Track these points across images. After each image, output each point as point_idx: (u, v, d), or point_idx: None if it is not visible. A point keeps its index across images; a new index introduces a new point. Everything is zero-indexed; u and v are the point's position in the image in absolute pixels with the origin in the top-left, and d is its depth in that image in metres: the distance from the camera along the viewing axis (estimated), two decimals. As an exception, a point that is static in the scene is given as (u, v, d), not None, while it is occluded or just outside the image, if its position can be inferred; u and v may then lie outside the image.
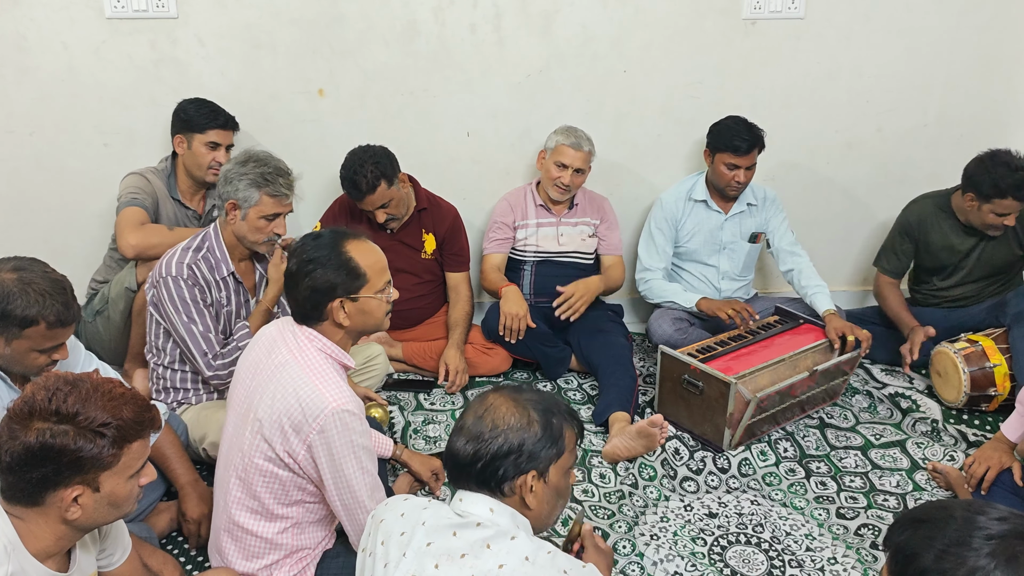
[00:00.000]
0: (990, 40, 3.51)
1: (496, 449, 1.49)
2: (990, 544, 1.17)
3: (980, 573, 1.15)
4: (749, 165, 3.16)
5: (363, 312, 1.96)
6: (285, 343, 1.94)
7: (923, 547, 1.21)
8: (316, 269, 1.89)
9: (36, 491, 1.47)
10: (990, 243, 3.19)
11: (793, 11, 3.36)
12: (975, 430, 2.95)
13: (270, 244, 2.61)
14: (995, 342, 3.00)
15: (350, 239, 1.96)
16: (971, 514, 1.21)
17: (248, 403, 1.96)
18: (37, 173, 3.23)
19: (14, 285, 1.89)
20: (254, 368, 1.98)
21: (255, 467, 1.93)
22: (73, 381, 1.50)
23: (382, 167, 2.96)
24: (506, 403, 1.54)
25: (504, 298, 3.15)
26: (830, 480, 2.71)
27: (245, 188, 2.50)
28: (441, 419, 3.01)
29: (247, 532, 1.99)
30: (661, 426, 2.69)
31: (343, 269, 1.91)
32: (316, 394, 1.84)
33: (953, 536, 1.19)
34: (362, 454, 1.90)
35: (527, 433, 1.51)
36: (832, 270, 3.74)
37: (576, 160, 3.16)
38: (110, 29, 3.07)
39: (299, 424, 1.85)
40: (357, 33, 3.19)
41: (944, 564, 1.18)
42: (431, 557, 1.44)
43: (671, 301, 3.24)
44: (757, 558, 2.36)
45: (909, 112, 3.59)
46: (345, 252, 1.92)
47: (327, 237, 1.95)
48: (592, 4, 3.27)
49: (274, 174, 2.52)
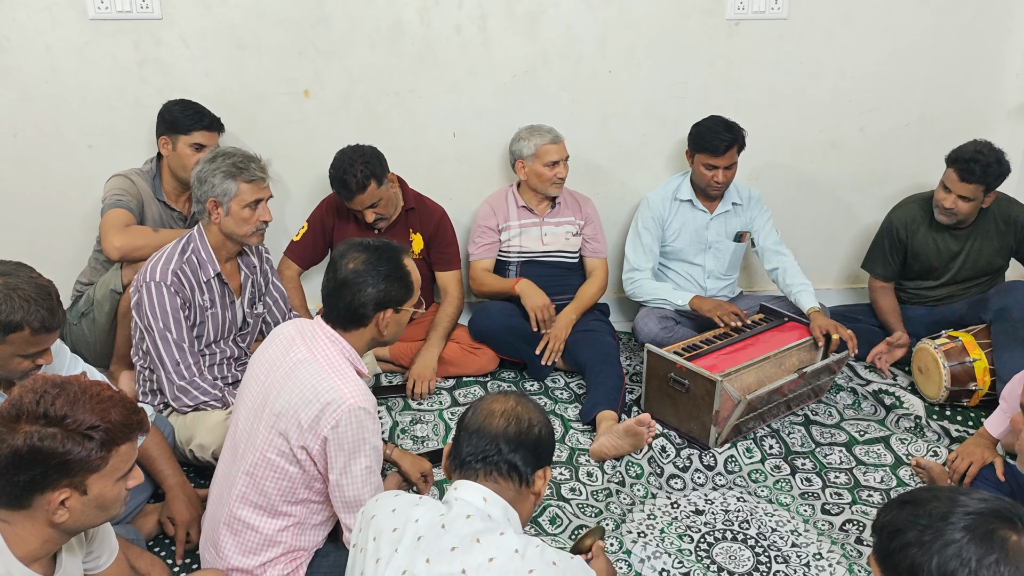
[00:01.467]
0: (972, 40, 3.54)
1: (533, 438, 1.59)
2: (968, 519, 1.22)
3: (954, 546, 1.20)
4: (728, 165, 3.18)
5: (398, 324, 2.08)
6: (304, 341, 2.00)
7: (907, 524, 1.26)
8: (381, 281, 1.98)
9: (23, 494, 1.46)
10: (976, 243, 3.21)
11: (776, 12, 3.38)
12: (957, 426, 2.98)
13: (260, 235, 2.61)
14: (975, 337, 3.03)
15: (405, 254, 2.06)
16: (955, 495, 1.27)
17: (263, 399, 1.99)
18: (20, 175, 3.21)
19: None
20: (270, 365, 2.02)
21: (267, 462, 1.96)
22: (61, 384, 1.49)
23: (372, 167, 2.96)
24: (526, 402, 1.64)
25: (524, 295, 3.19)
26: (815, 476, 2.73)
27: (221, 182, 2.51)
28: (428, 419, 3.02)
29: (248, 527, 2.01)
30: (648, 425, 2.71)
31: (402, 283, 2.02)
32: (335, 389, 1.90)
33: (935, 513, 1.24)
34: (372, 454, 1.95)
35: (550, 429, 1.65)
36: (816, 268, 3.76)
37: (562, 151, 3.22)
38: (93, 30, 3.05)
39: (316, 418, 1.89)
40: (342, 34, 3.19)
41: (924, 537, 1.23)
42: (422, 552, 1.46)
43: (662, 299, 3.25)
44: (743, 554, 2.38)
45: (892, 112, 3.62)
46: (405, 267, 2.04)
47: (388, 250, 2.03)
48: (577, 5, 3.28)
49: (245, 160, 2.54)
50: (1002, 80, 3.63)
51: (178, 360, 2.51)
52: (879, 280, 3.39)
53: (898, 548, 1.25)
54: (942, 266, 3.28)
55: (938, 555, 1.21)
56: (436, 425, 2.98)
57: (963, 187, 3.03)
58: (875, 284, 3.40)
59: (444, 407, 3.10)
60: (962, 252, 3.24)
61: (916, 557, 1.22)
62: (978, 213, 3.16)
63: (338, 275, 1.99)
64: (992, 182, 3.03)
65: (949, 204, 3.07)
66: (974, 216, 3.15)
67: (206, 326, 2.62)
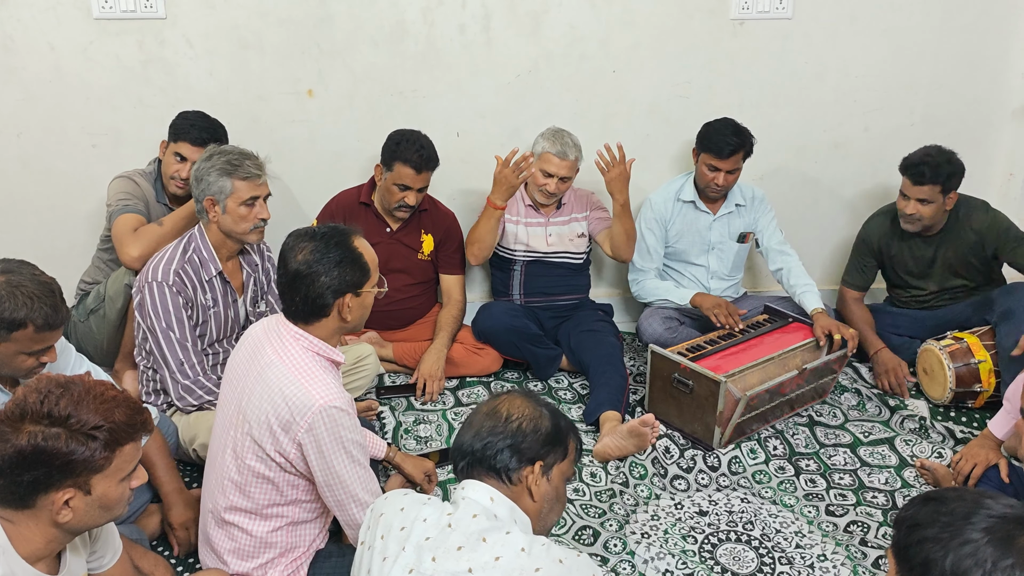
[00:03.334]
0: (975, 39, 3.54)
1: (511, 431, 1.55)
2: (990, 521, 1.21)
3: (971, 545, 1.19)
4: (731, 169, 3.17)
5: (362, 307, 1.99)
6: (270, 343, 1.95)
7: (928, 520, 1.25)
8: (332, 267, 1.90)
9: (27, 494, 1.46)
10: (948, 250, 3.22)
11: (781, 11, 3.38)
12: (962, 427, 2.97)
13: (258, 232, 2.60)
14: (980, 339, 3.03)
15: (354, 236, 1.98)
16: (982, 498, 1.26)
17: (236, 405, 1.96)
18: (24, 174, 3.21)
19: (2, 288, 1.88)
20: (241, 370, 1.99)
21: (248, 468, 1.94)
22: (65, 384, 1.49)
23: (434, 152, 3.05)
24: (520, 398, 1.61)
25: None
26: (819, 478, 2.72)
27: (216, 179, 2.51)
28: (432, 419, 3.01)
29: (240, 530, 2.00)
30: (652, 426, 2.70)
31: (355, 265, 1.94)
32: (303, 392, 1.85)
33: (958, 512, 1.24)
34: (352, 448, 1.91)
35: (539, 424, 1.57)
36: (820, 269, 3.76)
37: (561, 169, 3.11)
38: (98, 29, 3.05)
39: (288, 423, 1.86)
40: (346, 33, 3.19)
41: (942, 534, 1.22)
42: (428, 551, 1.46)
43: (664, 298, 3.25)
44: (747, 555, 2.38)
45: (895, 111, 3.61)
46: (355, 249, 1.95)
47: (335, 235, 1.95)
48: (580, 4, 3.27)
49: (240, 158, 2.54)
50: (1007, 80, 3.62)
51: (181, 360, 2.51)
52: (851, 289, 3.41)
53: (915, 542, 1.25)
54: (921, 272, 3.29)
55: (954, 553, 1.20)
56: (439, 425, 2.98)
57: (918, 190, 3.05)
58: (847, 294, 3.41)
59: (447, 407, 3.09)
60: (936, 259, 3.25)
61: (932, 552, 1.22)
62: (947, 218, 3.17)
63: (289, 268, 1.92)
64: (946, 181, 3.04)
65: (911, 210, 3.09)
66: (941, 221, 3.17)
67: (209, 325, 2.62)
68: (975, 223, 3.16)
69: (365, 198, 3.18)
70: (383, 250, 3.09)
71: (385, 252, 3.10)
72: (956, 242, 3.20)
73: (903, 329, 3.34)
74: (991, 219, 3.16)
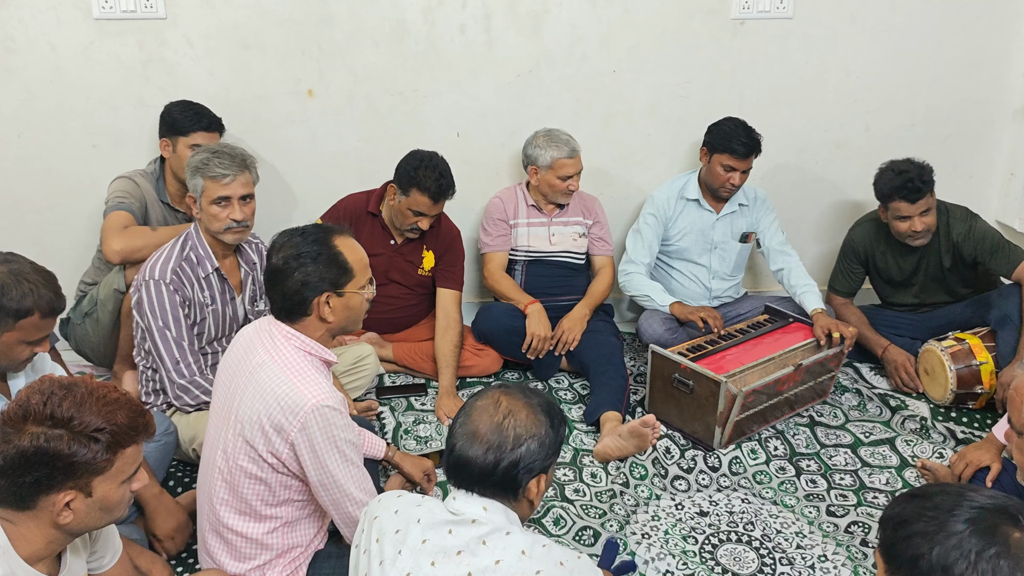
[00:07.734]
0: (976, 39, 3.54)
1: (518, 458, 1.50)
2: (972, 512, 1.23)
3: (956, 537, 1.21)
4: (746, 169, 3.18)
5: (347, 308, 1.97)
6: (262, 343, 1.94)
7: (913, 515, 1.27)
8: (307, 263, 1.90)
9: (28, 495, 1.46)
10: (928, 260, 3.22)
11: (781, 11, 3.38)
12: (963, 427, 2.97)
13: (233, 233, 2.56)
14: (982, 340, 3.03)
15: (337, 234, 1.97)
16: (964, 491, 1.28)
17: (228, 406, 1.95)
18: (25, 174, 3.21)
19: (6, 277, 1.88)
20: (232, 370, 1.98)
21: (240, 469, 1.93)
22: (68, 385, 1.49)
23: (452, 180, 2.97)
24: (523, 409, 1.54)
25: (530, 317, 3.14)
26: (820, 478, 2.72)
27: (191, 177, 2.54)
28: (431, 419, 3.01)
29: (236, 533, 1.99)
30: (653, 426, 2.70)
31: (333, 263, 1.92)
32: (295, 392, 1.84)
33: (942, 505, 1.25)
34: (345, 447, 1.90)
35: (544, 439, 1.53)
36: (821, 269, 3.76)
37: (578, 164, 3.20)
38: (98, 30, 3.05)
39: (280, 424, 1.85)
40: (346, 34, 3.19)
41: (928, 527, 1.24)
42: (427, 555, 1.45)
43: (647, 296, 3.24)
44: (748, 556, 2.38)
45: (896, 112, 3.61)
46: (334, 247, 1.94)
47: (314, 232, 1.95)
48: (581, 4, 3.27)
49: (209, 156, 2.53)
50: (1007, 79, 3.62)
51: (178, 358, 2.51)
52: (838, 296, 3.41)
53: (902, 538, 1.26)
54: (905, 280, 3.30)
55: (939, 545, 1.21)
56: (439, 425, 2.98)
57: (918, 206, 3.03)
58: (836, 301, 3.41)
59: (448, 407, 3.09)
60: (919, 269, 3.25)
61: (918, 547, 1.23)
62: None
63: (270, 264, 1.93)
64: (931, 184, 3.04)
65: (920, 226, 3.07)
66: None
67: (207, 323, 2.62)
68: (955, 232, 3.16)
69: (373, 208, 3.13)
70: (383, 262, 3.08)
71: (385, 264, 3.10)
72: (938, 251, 3.20)
73: (903, 330, 3.34)
74: (968, 228, 3.14)
